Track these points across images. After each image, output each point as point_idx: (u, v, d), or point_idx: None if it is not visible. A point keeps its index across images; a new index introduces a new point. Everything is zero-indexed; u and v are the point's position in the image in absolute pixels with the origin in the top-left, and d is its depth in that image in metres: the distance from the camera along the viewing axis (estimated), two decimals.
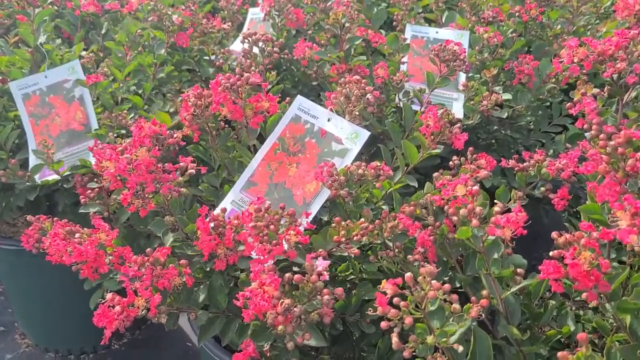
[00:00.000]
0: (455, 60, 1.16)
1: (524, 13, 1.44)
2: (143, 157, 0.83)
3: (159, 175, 0.84)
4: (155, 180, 0.84)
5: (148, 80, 1.48)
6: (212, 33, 1.65)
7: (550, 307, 0.90)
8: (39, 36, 1.41)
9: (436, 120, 0.98)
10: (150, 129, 0.86)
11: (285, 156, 1.02)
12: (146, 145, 0.84)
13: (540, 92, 1.37)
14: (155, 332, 1.77)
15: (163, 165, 0.87)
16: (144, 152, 0.83)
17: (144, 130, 0.86)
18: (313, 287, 0.72)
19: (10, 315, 1.87)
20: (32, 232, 0.98)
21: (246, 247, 0.82)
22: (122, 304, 0.78)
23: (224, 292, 0.95)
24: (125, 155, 0.84)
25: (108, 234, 0.92)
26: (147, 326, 1.78)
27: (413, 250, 0.88)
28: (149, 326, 1.77)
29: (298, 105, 1.05)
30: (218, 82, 0.97)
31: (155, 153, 0.85)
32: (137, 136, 0.86)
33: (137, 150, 0.84)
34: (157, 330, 1.77)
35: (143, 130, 0.86)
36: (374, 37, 1.53)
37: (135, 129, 0.87)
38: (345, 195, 0.90)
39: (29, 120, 1.34)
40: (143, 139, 0.85)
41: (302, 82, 1.81)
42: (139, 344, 1.73)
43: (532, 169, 1.01)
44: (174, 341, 1.75)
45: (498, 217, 0.67)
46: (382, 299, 0.68)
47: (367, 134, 0.98)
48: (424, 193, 0.96)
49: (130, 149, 0.84)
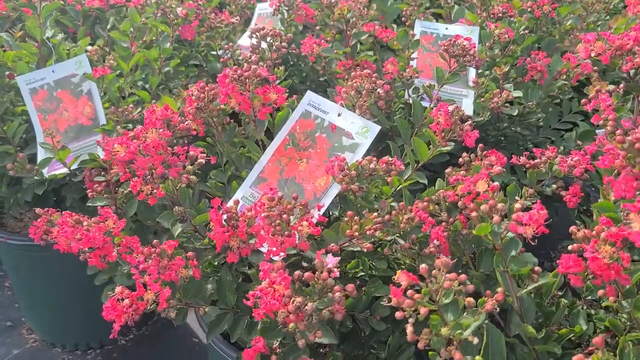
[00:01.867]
0: (465, 56, 1.15)
1: (536, 9, 1.43)
2: (153, 138, 0.82)
3: (167, 157, 0.83)
4: (164, 162, 0.83)
5: (154, 75, 1.47)
6: (220, 28, 1.64)
7: (562, 306, 0.89)
8: (45, 30, 1.40)
9: (447, 117, 0.97)
10: (161, 113, 0.86)
11: (296, 151, 1.02)
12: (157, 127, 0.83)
13: (551, 89, 1.36)
14: (162, 328, 1.77)
15: (172, 148, 0.86)
16: (154, 134, 0.83)
17: (155, 114, 0.86)
18: (324, 285, 0.71)
19: (17, 310, 1.87)
20: (40, 224, 0.98)
21: (258, 239, 0.81)
22: (131, 297, 0.78)
23: (233, 288, 0.95)
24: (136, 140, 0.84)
25: (115, 222, 0.91)
26: (154, 322, 1.77)
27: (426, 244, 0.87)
28: (156, 322, 1.77)
29: (308, 101, 1.04)
30: (226, 75, 0.97)
31: (166, 134, 0.84)
32: (148, 119, 0.85)
33: (147, 132, 0.83)
34: (163, 326, 1.76)
35: (155, 114, 0.86)
36: (381, 33, 1.52)
37: (147, 112, 0.87)
38: (357, 190, 0.89)
39: (37, 115, 1.34)
40: (155, 122, 0.84)
41: (309, 78, 1.80)
42: (146, 340, 1.73)
43: (543, 166, 1.00)
44: (180, 337, 1.75)
45: (520, 214, 0.66)
46: (396, 290, 0.67)
47: (378, 128, 0.97)
48: (435, 189, 0.96)
49: (142, 132, 0.83)
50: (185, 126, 0.89)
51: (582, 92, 1.54)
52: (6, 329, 1.80)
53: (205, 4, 1.69)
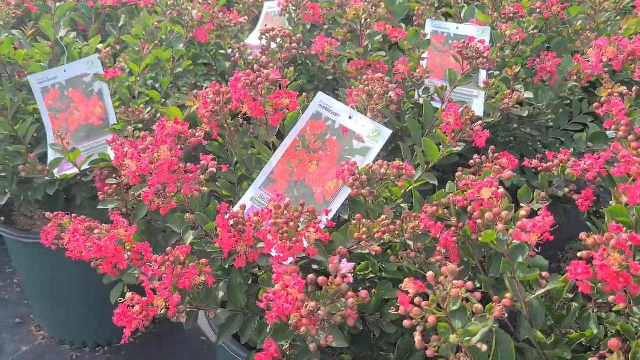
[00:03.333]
0: (478, 58, 1.14)
1: (545, 9, 1.42)
2: (165, 157, 0.83)
3: (181, 176, 0.84)
4: (177, 180, 0.84)
5: (165, 75, 1.48)
6: (229, 27, 1.64)
7: (572, 310, 0.89)
8: (59, 30, 1.41)
9: (457, 118, 0.97)
10: (172, 128, 0.86)
11: (306, 153, 1.02)
12: (168, 145, 0.83)
13: (561, 90, 1.35)
14: (170, 326, 1.78)
15: (185, 164, 0.86)
16: (166, 152, 0.83)
17: (166, 129, 0.86)
18: (337, 290, 0.72)
19: (26, 307, 1.89)
20: (51, 229, 0.98)
21: (266, 244, 0.81)
22: (141, 303, 0.78)
23: (243, 290, 0.95)
24: (147, 154, 0.84)
25: (127, 230, 0.92)
26: (162, 320, 1.78)
27: (434, 250, 0.87)
28: (164, 320, 1.78)
29: (319, 102, 1.04)
30: (237, 79, 0.97)
31: (178, 153, 0.84)
32: (159, 135, 0.85)
33: (159, 150, 0.83)
34: (172, 324, 1.77)
35: (165, 129, 0.86)
36: (392, 32, 1.52)
37: (158, 127, 0.87)
38: (367, 195, 0.89)
39: (48, 114, 1.34)
40: (165, 138, 0.84)
41: (317, 77, 1.80)
42: (154, 338, 1.74)
43: (555, 169, 1.00)
44: (188, 336, 1.76)
45: (524, 221, 0.66)
46: (404, 298, 0.67)
47: (389, 132, 0.97)
48: (445, 193, 0.95)
49: (152, 149, 0.83)
50: (197, 140, 0.89)
51: (592, 93, 1.53)
52: (15, 325, 1.82)
53: (214, 3, 1.69)
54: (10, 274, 2.06)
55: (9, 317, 1.85)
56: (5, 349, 1.72)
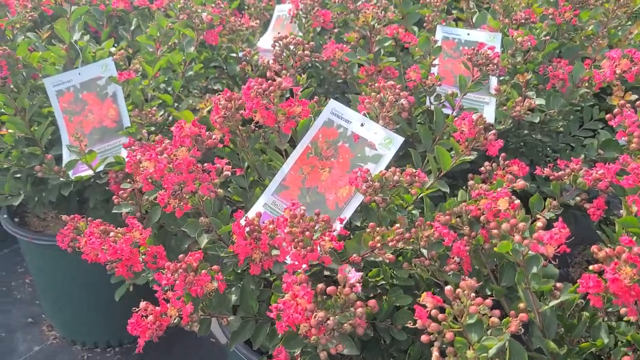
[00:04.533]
0: (488, 65, 1.15)
1: (557, 16, 1.42)
2: (183, 156, 0.84)
3: (199, 175, 0.85)
4: (195, 179, 0.85)
5: (177, 78, 1.49)
6: (241, 31, 1.65)
7: (583, 319, 0.89)
8: (73, 33, 1.42)
9: (471, 127, 0.97)
10: (190, 130, 0.87)
11: (318, 160, 1.02)
12: (186, 145, 0.84)
13: (573, 96, 1.35)
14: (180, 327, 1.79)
15: (202, 165, 0.87)
16: (185, 152, 0.84)
17: (184, 130, 0.87)
18: (346, 299, 0.72)
19: (38, 307, 1.90)
20: (67, 232, 1.00)
21: (281, 252, 0.82)
22: (155, 313, 0.79)
23: (256, 297, 0.96)
24: (165, 154, 0.85)
25: (142, 233, 0.93)
26: None
27: (447, 259, 0.88)
28: None
29: (331, 110, 1.04)
30: (250, 87, 0.98)
31: (196, 153, 0.85)
32: (177, 136, 0.86)
33: (177, 150, 0.84)
34: None
35: (183, 131, 0.87)
36: (405, 37, 1.52)
37: (176, 129, 0.88)
38: (380, 202, 0.90)
39: (63, 117, 1.36)
40: (183, 139, 0.85)
41: (327, 80, 1.81)
42: (165, 339, 1.74)
43: (567, 177, 1.00)
44: (199, 337, 1.77)
45: (541, 232, 0.67)
46: (421, 312, 0.68)
47: (401, 140, 0.98)
48: (457, 201, 0.96)
49: (170, 149, 0.85)
50: (213, 142, 0.90)
51: (602, 98, 1.53)
52: (27, 325, 1.84)
53: (225, 7, 1.70)
54: (21, 273, 2.08)
55: (21, 317, 1.87)
56: (17, 348, 1.74)
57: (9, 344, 1.76)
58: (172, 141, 0.86)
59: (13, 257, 2.16)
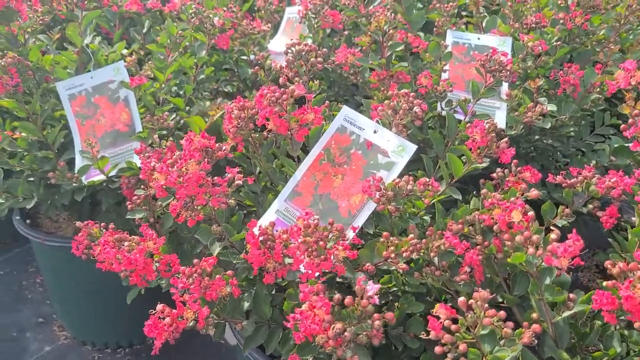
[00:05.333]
0: (501, 71, 1.14)
1: (568, 21, 1.42)
2: (193, 170, 0.84)
3: (209, 189, 0.86)
4: (205, 193, 0.85)
5: (189, 82, 1.49)
6: (252, 34, 1.66)
7: (596, 328, 0.89)
8: (85, 37, 1.43)
9: (483, 135, 0.97)
10: (200, 143, 0.88)
11: (331, 167, 1.03)
12: (196, 159, 0.85)
13: (584, 102, 1.35)
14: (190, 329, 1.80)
15: (212, 178, 0.88)
16: (194, 166, 0.85)
17: (193, 143, 0.88)
18: (363, 311, 0.73)
19: (49, 307, 1.92)
20: (81, 239, 1.01)
21: (294, 261, 0.83)
22: (172, 315, 0.80)
23: (269, 302, 0.97)
24: (176, 168, 0.85)
25: (156, 242, 0.94)
26: None
27: (459, 268, 0.88)
28: None
29: (344, 116, 1.05)
30: (263, 95, 0.98)
31: (206, 167, 0.86)
32: (187, 149, 0.87)
33: (187, 164, 0.85)
34: None
35: (193, 144, 0.87)
36: (414, 41, 1.52)
37: (186, 142, 0.88)
38: (393, 210, 0.90)
39: (75, 121, 1.37)
40: (193, 152, 0.86)
41: (337, 83, 1.81)
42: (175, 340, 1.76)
43: (579, 185, 1.00)
44: (209, 338, 1.78)
45: (555, 245, 0.67)
46: (435, 324, 0.69)
47: (414, 147, 0.98)
48: (470, 209, 0.96)
49: (181, 163, 0.85)
50: (223, 153, 0.91)
51: (613, 103, 1.53)
52: (38, 325, 1.85)
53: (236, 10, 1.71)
54: (32, 273, 2.10)
55: (32, 317, 1.89)
56: (28, 348, 1.75)
57: (20, 343, 1.77)
58: (182, 153, 0.87)
59: (24, 256, 2.18)
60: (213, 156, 0.91)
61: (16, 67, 1.27)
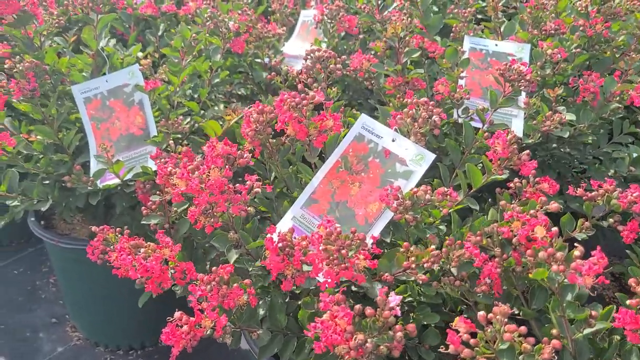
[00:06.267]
0: (520, 81, 1.13)
1: (588, 28, 1.40)
2: (215, 177, 0.84)
3: (230, 196, 0.85)
4: (227, 200, 0.85)
5: (204, 86, 1.49)
6: (267, 38, 1.65)
7: (614, 343, 0.88)
8: (100, 41, 1.43)
9: (505, 146, 0.96)
10: (222, 149, 0.87)
11: (348, 175, 1.02)
12: (218, 166, 0.85)
13: (603, 110, 1.33)
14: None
15: (234, 185, 0.87)
16: (217, 173, 0.84)
17: (216, 150, 0.87)
18: (385, 322, 0.72)
19: (61, 307, 1.93)
20: (97, 244, 1.01)
21: (314, 269, 0.82)
22: (189, 324, 0.79)
23: (284, 310, 0.96)
24: (197, 174, 0.85)
25: (172, 250, 0.93)
26: None
27: (477, 280, 0.87)
28: None
29: (362, 124, 1.04)
30: (283, 100, 0.98)
31: (228, 174, 0.85)
32: (209, 156, 0.87)
33: (210, 170, 0.84)
34: None
35: (215, 150, 0.87)
36: (430, 47, 1.51)
37: (208, 148, 0.88)
38: (411, 220, 0.89)
39: (91, 124, 1.37)
40: (215, 159, 0.85)
41: (351, 87, 1.81)
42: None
43: (600, 198, 0.99)
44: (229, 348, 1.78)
45: (579, 262, 0.66)
46: (454, 337, 0.68)
47: (433, 156, 0.97)
48: (488, 221, 0.95)
49: (203, 169, 0.85)
50: (245, 161, 0.91)
51: (632, 110, 1.51)
52: (51, 325, 1.86)
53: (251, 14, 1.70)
54: (46, 272, 2.11)
55: (46, 317, 1.89)
56: (42, 348, 1.76)
57: (33, 344, 1.78)
58: (204, 159, 0.87)
59: (38, 255, 2.19)
60: (234, 163, 0.91)
61: (33, 71, 1.27)
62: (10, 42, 1.51)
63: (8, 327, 1.85)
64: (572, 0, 1.74)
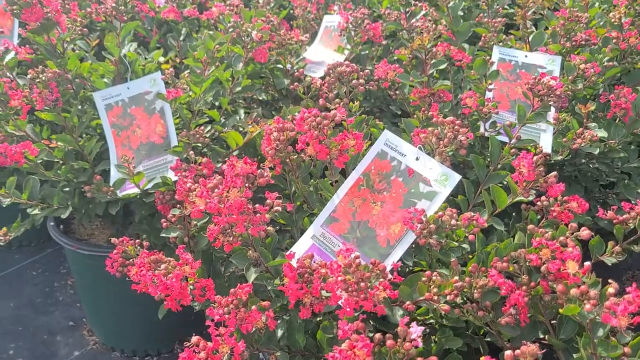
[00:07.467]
0: (550, 95, 1.09)
1: (622, 41, 1.36)
2: (235, 198, 0.82)
3: (249, 217, 0.83)
4: (246, 221, 0.83)
5: (225, 94, 1.48)
6: (290, 44, 1.63)
7: None
8: (123, 48, 1.43)
9: (530, 169, 0.93)
10: (242, 169, 0.85)
11: (370, 193, 1.00)
12: (238, 186, 0.83)
13: (635, 126, 1.29)
14: None
15: (254, 202, 0.85)
16: (236, 194, 0.82)
17: (235, 169, 0.85)
18: (406, 354, 0.70)
19: (79, 310, 1.93)
20: (116, 256, 1.00)
21: (333, 297, 0.80)
22: (207, 350, 0.78)
23: (302, 331, 0.94)
24: (216, 193, 0.83)
25: (192, 267, 0.92)
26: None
27: (503, 307, 0.84)
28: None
29: (384, 141, 1.01)
30: (303, 118, 0.95)
31: (247, 194, 0.84)
32: (229, 175, 0.85)
33: (229, 191, 0.83)
34: None
35: (235, 169, 0.85)
36: (457, 55, 1.48)
37: (228, 167, 0.86)
38: (435, 245, 0.86)
39: (111, 131, 1.36)
40: (235, 180, 0.84)
41: (373, 95, 1.78)
42: None
43: (632, 221, 0.95)
44: None
45: (613, 301, 0.63)
46: None
47: (458, 177, 0.94)
48: (514, 244, 0.92)
49: (222, 189, 0.83)
50: (265, 180, 0.89)
51: None
52: (69, 328, 1.87)
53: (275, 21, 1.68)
54: (64, 274, 2.12)
55: (63, 319, 1.90)
56: (59, 352, 1.77)
57: (50, 347, 1.79)
58: (223, 179, 0.85)
59: (57, 256, 2.20)
60: (254, 182, 0.89)
61: (56, 81, 1.27)
62: (32, 45, 1.51)
63: (26, 329, 1.86)
64: (602, 8, 1.70)
